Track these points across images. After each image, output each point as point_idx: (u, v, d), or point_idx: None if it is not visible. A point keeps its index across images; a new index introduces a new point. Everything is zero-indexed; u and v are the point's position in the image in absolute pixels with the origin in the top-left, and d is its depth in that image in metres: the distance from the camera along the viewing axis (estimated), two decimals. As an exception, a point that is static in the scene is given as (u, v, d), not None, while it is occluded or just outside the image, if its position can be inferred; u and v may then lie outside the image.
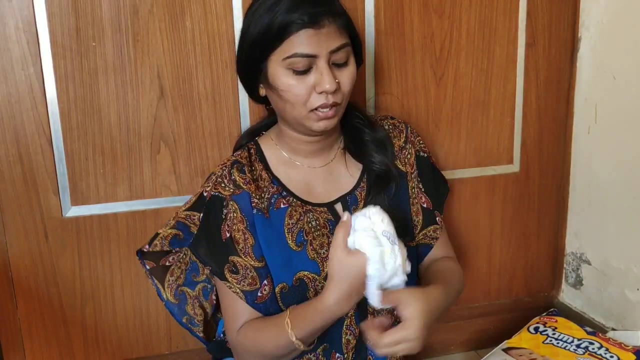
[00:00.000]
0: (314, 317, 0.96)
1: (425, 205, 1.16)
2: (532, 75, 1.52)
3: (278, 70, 0.99)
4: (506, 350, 1.34)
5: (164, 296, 1.14)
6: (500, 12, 1.45)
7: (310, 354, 1.09)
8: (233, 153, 1.16)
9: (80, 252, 1.32)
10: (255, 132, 1.19)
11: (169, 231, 1.10)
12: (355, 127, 1.14)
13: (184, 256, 1.15)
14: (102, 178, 1.30)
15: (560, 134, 1.59)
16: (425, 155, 1.19)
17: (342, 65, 1.00)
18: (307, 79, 0.98)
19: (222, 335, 1.21)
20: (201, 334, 1.18)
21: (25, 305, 1.32)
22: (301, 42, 0.95)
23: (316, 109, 0.99)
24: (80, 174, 1.29)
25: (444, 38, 1.42)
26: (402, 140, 1.17)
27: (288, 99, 0.99)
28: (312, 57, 0.96)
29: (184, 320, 1.17)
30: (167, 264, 1.15)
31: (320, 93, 0.97)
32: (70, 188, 1.29)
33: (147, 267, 1.13)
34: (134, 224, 1.33)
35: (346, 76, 1.00)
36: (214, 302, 1.18)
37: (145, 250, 1.11)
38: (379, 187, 1.11)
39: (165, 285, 1.14)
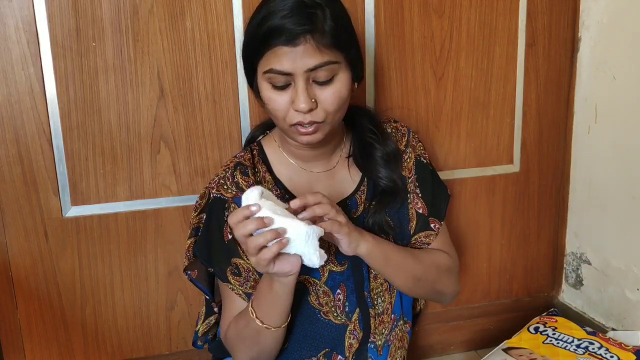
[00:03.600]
0: (259, 284, 0.99)
1: (420, 211, 1.14)
2: (532, 75, 1.52)
3: (262, 83, 0.99)
4: (506, 350, 1.34)
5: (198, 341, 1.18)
6: (500, 13, 1.45)
7: (312, 358, 1.10)
8: (244, 147, 1.17)
9: (80, 252, 1.32)
10: (267, 126, 1.19)
11: (189, 242, 1.11)
12: (366, 142, 1.11)
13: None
14: (102, 178, 1.30)
15: (560, 134, 1.59)
16: (425, 161, 1.17)
17: (324, 83, 0.96)
18: (286, 94, 0.96)
19: (218, 337, 1.22)
20: (210, 336, 1.21)
21: (25, 305, 1.32)
22: (277, 59, 0.94)
23: (295, 124, 0.97)
24: (80, 174, 1.29)
25: (444, 38, 1.43)
26: (403, 144, 1.15)
27: (269, 111, 1.00)
28: (288, 74, 0.94)
29: (199, 343, 1.20)
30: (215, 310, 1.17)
31: (297, 111, 0.96)
32: (70, 188, 1.29)
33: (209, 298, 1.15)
34: (134, 224, 1.33)
35: (329, 95, 0.96)
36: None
37: (186, 271, 1.12)
38: (384, 202, 1.10)
39: (201, 329, 1.17)
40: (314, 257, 0.89)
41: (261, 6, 0.98)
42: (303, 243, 0.88)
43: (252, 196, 0.88)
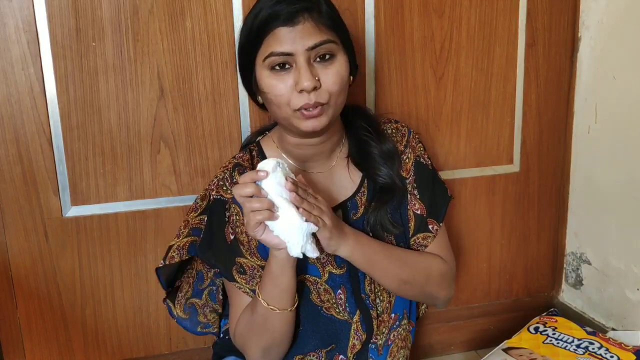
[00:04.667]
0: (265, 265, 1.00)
1: (419, 212, 1.13)
2: (532, 75, 1.52)
3: (262, 73, 0.99)
4: (506, 350, 1.34)
5: (175, 313, 1.17)
6: (500, 12, 1.45)
7: (313, 355, 1.10)
8: (240, 150, 1.16)
9: (80, 252, 1.32)
10: (263, 132, 1.19)
11: (184, 240, 1.11)
12: (361, 140, 1.12)
13: (191, 270, 1.17)
14: (102, 178, 1.30)
15: (560, 134, 1.59)
16: (425, 162, 1.16)
17: (326, 62, 0.97)
18: (288, 78, 0.96)
19: (222, 335, 1.22)
20: (216, 330, 1.21)
21: (25, 305, 1.32)
22: (276, 40, 0.95)
23: (300, 109, 0.97)
24: (80, 174, 1.29)
25: (444, 38, 1.43)
26: (403, 145, 1.15)
27: (272, 100, 0.99)
28: (289, 55, 0.95)
29: (199, 329, 1.20)
30: (177, 284, 1.17)
31: (301, 92, 0.96)
32: (70, 188, 1.29)
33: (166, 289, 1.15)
34: (134, 224, 1.33)
35: (331, 73, 0.97)
36: (222, 300, 1.20)
37: (161, 265, 1.11)
38: (383, 200, 1.10)
39: (175, 303, 1.17)
40: (295, 248, 0.91)
41: (254, 6, 1.00)
42: (290, 231, 0.90)
43: (267, 165, 0.91)
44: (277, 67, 0.97)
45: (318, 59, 0.97)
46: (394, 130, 1.16)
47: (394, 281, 1.07)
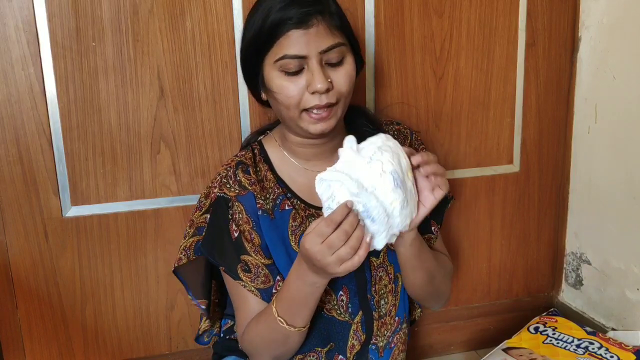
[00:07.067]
0: (288, 287, 0.96)
1: None
2: (532, 75, 1.52)
3: (271, 73, 0.99)
4: (506, 350, 1.34)
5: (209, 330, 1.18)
6: (500, 12, 1.45)
7: (312, 355, 1.09)
8: (240, 150, 1.16)
9: (80, 252, 1.32)
10: (264, 132, 1.19)
11: (190, 240, 1.10)
12: (363, 136, 1.12)
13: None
14: (102, 178, 1.30)
15: (560, 134, 1.59)
16: None
17: (336, 64, 0.99)
18: (299, 79, 0.97)
19: (222, 334, 1.22)
20: (216, 330, 1.21)
21: (25, 305, 1.32)
22: (290, 43, 0.95)
23: (309, 110, 0.98)
24: (80, 174, 1.29)
25: (444, 38, 1.43)
26: (406, 146, 1.15)
27: (282, 100, 0.99)
28: (302, 58, 0.96)
29: (206, 339, 1.20)
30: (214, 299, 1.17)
31: (313, 93, 0.97)
32: (70, 188, 1.29)
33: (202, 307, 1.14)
34: (134, 224, 1.33)
35: (341, 75, 0.99)
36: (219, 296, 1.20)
37: (175, 266, 1.11)
38: None
39: (206, 320, 1.17)
40: (383, 238, 0.87)
41: (257, 6, 1.00)
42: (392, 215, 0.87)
43: (348, 143, 0.88)
44: (290, 70, 0.97)
45: (328, 62, 0.98)
46: (396, 132, 1.17)
47: (425, 274, 1.07)
